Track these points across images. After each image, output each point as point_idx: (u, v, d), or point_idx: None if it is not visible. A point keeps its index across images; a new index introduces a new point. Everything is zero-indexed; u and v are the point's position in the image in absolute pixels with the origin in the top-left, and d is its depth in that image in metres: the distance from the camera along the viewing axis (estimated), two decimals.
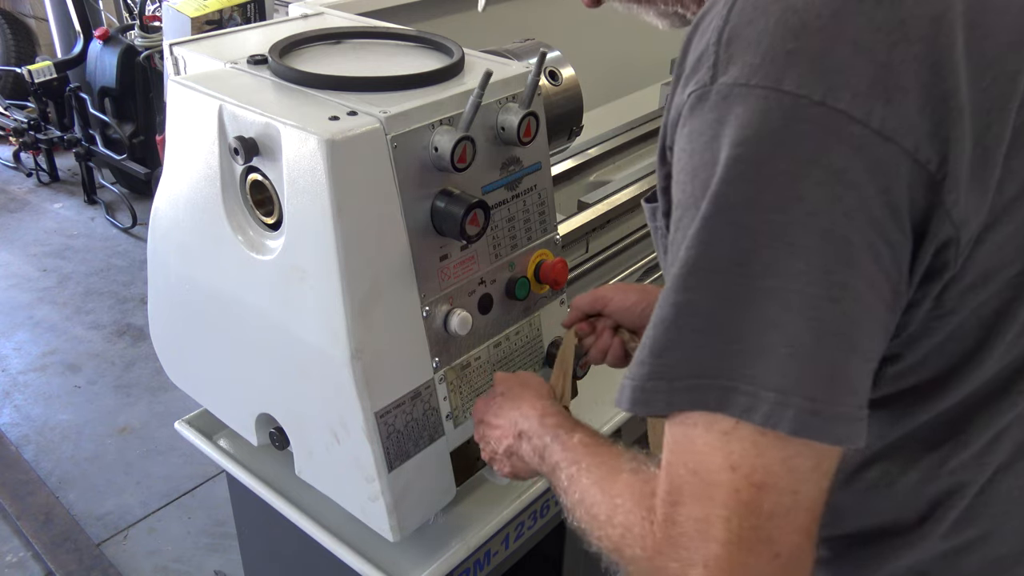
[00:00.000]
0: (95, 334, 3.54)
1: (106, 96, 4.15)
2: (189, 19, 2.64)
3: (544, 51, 1.07)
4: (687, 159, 0.66)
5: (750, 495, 0.63)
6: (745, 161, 0.61)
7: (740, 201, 0.62)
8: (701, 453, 0.65)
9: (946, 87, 0.61)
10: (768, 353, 0.62)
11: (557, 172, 1.61)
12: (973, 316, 0.69)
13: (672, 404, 0.66)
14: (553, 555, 1.53)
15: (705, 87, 0.64)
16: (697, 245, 0.64)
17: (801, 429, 0.61)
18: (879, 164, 0.60)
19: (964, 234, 0.64)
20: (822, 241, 0.60)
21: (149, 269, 1.24)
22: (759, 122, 0.61)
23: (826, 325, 0.61)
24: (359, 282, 0.95)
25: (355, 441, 1.02)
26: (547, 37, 1.42)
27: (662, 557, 0.68)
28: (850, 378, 0.63)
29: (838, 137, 0.60)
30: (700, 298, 0.64)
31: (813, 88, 0.60)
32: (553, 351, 1.22)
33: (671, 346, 0.66)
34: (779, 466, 0.63)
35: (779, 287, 0.61)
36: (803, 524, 0.65)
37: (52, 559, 2.51)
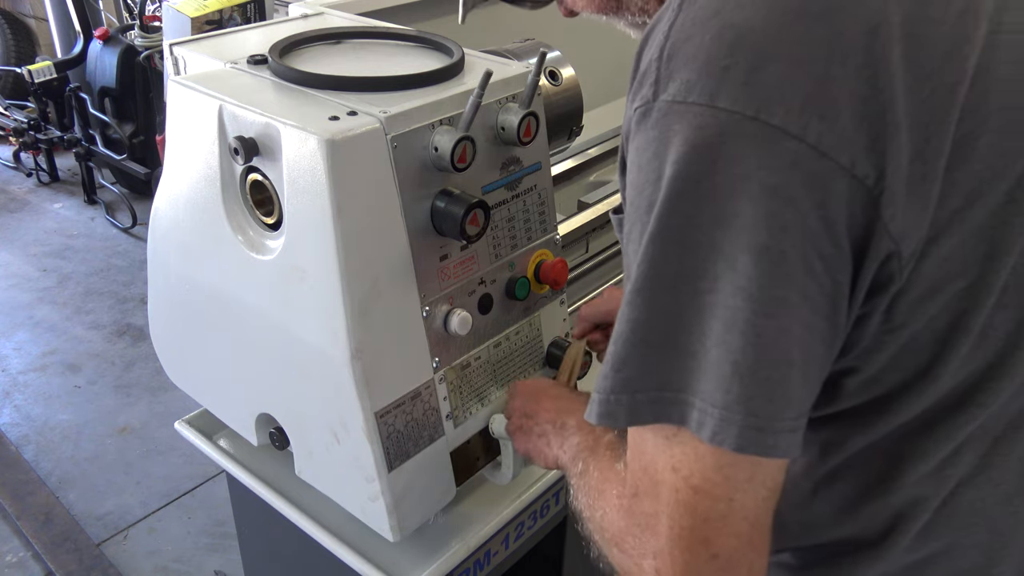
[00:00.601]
0: (95, 334, 3.54)
1: (106, 96, 4.15)
2: (189, 19, 2.64)
3: (544, 51, 1.07)
4: (634, 175, 0.67)
5: (687, 496, 0.66)
6: (684, 178, 0.62)
7: (681, 218, 0.63)
8: (650, 452, 0.69)
9: (882, 100, 0.61)
10: (714, 368, 0.63)
11: (557, 172, 1.61)
12: (926, 330, 0.69)
13: (635, 417, 0.68)
14: (553, 555, 1.53)
15: (648, 103, 0.65)
16: (645, 262, 0.65)
17: (746, 445, 0.63)
18: (815, 179, 0.60)
19: (905, 248, 0.63)
20: (758, 256, 0.61)
21: (149, 269, 1.24)
22: (696, 139, 0.61)
23: (764, 341, 0.62)
24: (359, 282, 0.95)
25: (355, 441, 1.02)
26: (547, 37, 1.42)
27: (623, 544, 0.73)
28: (789, 392, 0.64)
29: (773, 153, 0.60)
30: (652, 314, 0.66)
31: (747, 104, 0.60)
32: (553, 351, 1.22)
33: (629, 360, 0.67)
34: (714, 473, 0.65)
35: (720, 303, 0.62)
36: (741, 531, 0.67)
37: (52, 559, 2.51)
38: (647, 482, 0.70)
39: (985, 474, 0.75)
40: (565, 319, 1.25)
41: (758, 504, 0.67)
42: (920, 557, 0.77)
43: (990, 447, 0.75)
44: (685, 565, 0.68)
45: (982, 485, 0.76)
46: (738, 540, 0.67)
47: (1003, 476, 0.76)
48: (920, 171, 0.62)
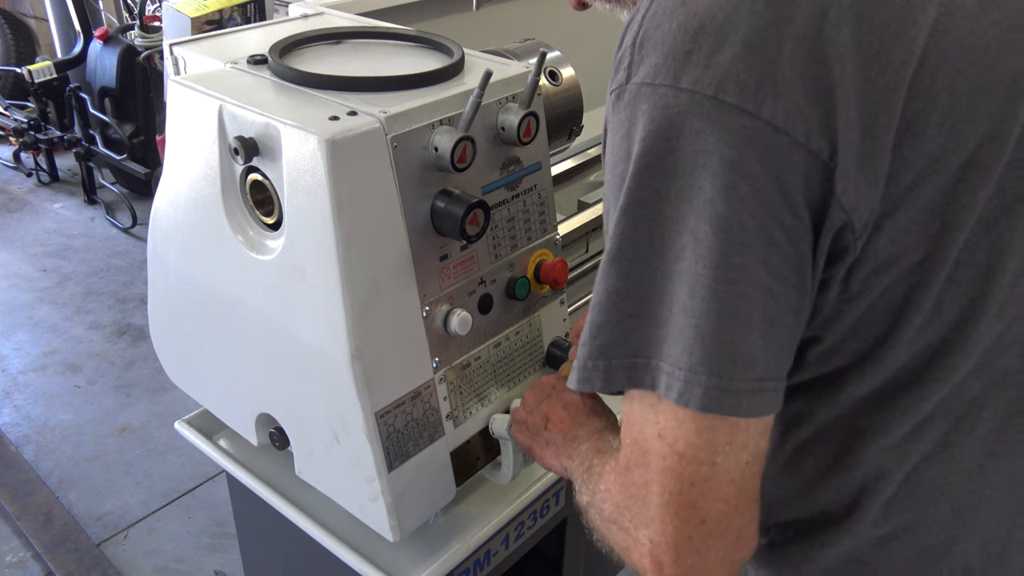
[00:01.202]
0: (95, 334, 3.54)
1: (106, 96, 4.15)
2: (189, 19, 2.65)
3: (544, 51, 1.07)
4: (609, 154, 0.72)
5: (673, 462, 0.70)
6: (650, 155, 0.67)
7: (649, 192, 0.67)
8: (637, 424, 0.73)
9: (832, 78, 0.64)
10: (679, 333, 0.67)
11: (557, 172, 1.61)
12: (882, 301, 0.72)
13: (610, 383, 0.72)
14: (553, 555, 1.53)
15: (621, 87, 0.70)
16: (617, 235, 0.69)
17: (710, 404, 0.67)
18: (771, 153, 0.64)
19: (857, 220, 0.67)
20: (719, 227, 0.65)
21: (149, 269, 1.24)
22: (660, 118, 0.66)
23: (725, 305, 0.66)
24: (359, 282, 0.95)
25: (355, 441, 1.02)
26: (547, 37, 1.42)
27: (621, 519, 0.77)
28: (751, 354, 0.67)
29: (731, 129, 0.64)
30: (624, 284, 0.70)
31: (707, 84, 0.64)
32: (553, 351, 1.22)
33: (604, 327, 0.72)
34: (696, 437, 0.69)
35: (685, 271, 0.67)
36: (727, 495, 0.70)
37: (52, 559, 2.51)
38: (637, 452, 0.73)
39: (947, 451, 0.78)
40: (565, 319, 1.25)
41: (742, 468, 0.70)
42: (885, 532, 0.80)
43: (952, 425, 0.77)
44: (676, 531, 0.71)
45: (945, 462, 0.78)
46: (725, 504, 0.70)
47: (964, 454, 0.78)
48: (870, 147, 0.65)
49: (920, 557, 0.80)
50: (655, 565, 0.73)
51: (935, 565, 0.81)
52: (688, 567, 0.72)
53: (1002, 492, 0.79)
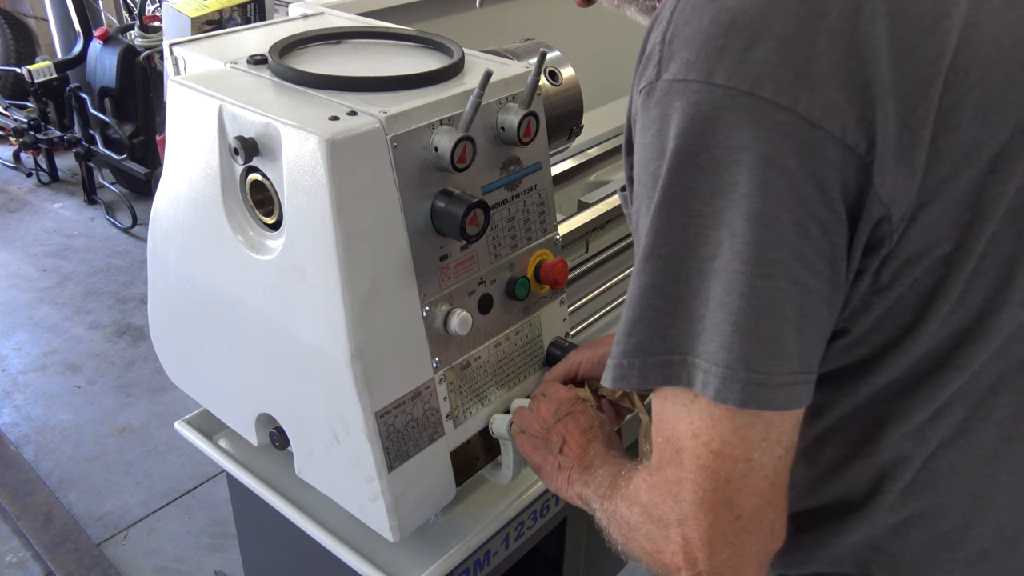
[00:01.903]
0: (95, 334, 3.54)
1: (106, 96, 4.15)
2: (189, 19, 2.65)
3: (544, 51, 1.07)
4: (640, 152, 0.71)
5: (708, 460, 0.70)
6: (684, 152, 0.66)
7: (684, 189, 0.67)
8: (670, 423, 0.73)
9: (869, 73, 0.64)
10: (716, 330, 0.67)
11: (557, 172, 1.61)
12: (910, 291, 0.72)
13: (646, 379, 0.72)
14: (553, 555, 1.53)
15: (651, 84, 0.69)
16: (652, 232, 0.69)
17: (748, 400, 0.67)
18: (807, 148, 0.64)
19: (895, 212, 0.67)
20: (755, 223, 0.65)
21: (149, 269, 1.24)
22: (694, 114, 0.66)
23: (761, 301, 0.66)
24: (359, 282, 0.95)
25: (355, 441, 1.02)
26: (547, 37, 1.42)
27: (649, 521, 0.77)
28: (786, 348, 0.68)
29: (767, 125, 0.64)
30: (659, 281, 0.70)
31: (741, 80, 0.64)
32: (553, 351, 1.22)
33: (639, 325, 0.72)
34: (731, 435, 0.69)
35: (721, 267, 0.67)
36: (761, 489, 0.71)
37: (52, 559, 2.51)
38: (670, 451, 0.73)
39: (965, 437, 0.78)
40: (565, 319, 1.25)
41: (775, 463, 0.71)
42: (902, 518, 0.80)
43: (970, 411, 0.78)
44: (710, 527, 0.71)
45: (962, 448, 0.79)
46: (760, 499, 0.71)
47: (981, 440, 0.79)
48: (908, 140, 0.66)
49: (936, 542, 0.81)
50: (689, 562, 0.74)
51: (951, 549, 0.81)
52: (722, 562, 0.73)
53: (1017, 477, 0.80)
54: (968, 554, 0.81)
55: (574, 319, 1.49)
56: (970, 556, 0.81)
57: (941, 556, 0.82)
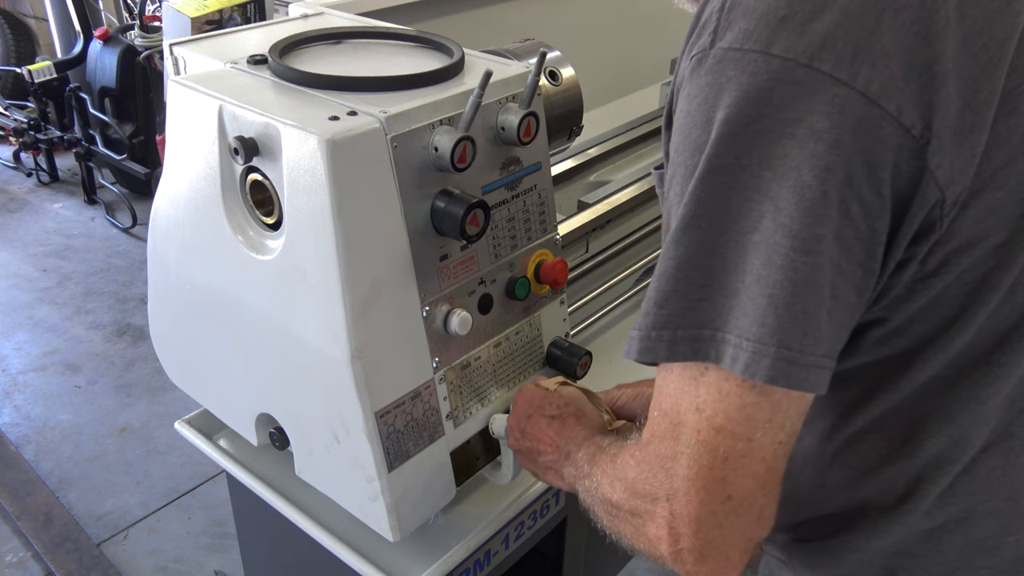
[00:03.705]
0: (95, 334, 3.54)
1: (106, 96, 4.15)
2: (189, 19, 2.65)
3: (544, 51, 1.07)
4: (683, 120, 0.70)
5: (708, 436, 0.69)
6: (735, 121, 0.65)
7: (730, 159, 0.66)
8: (673, 396, 0.71)
9: (933, 52, 0.63)
10: (751, 304, 0.66)
11: (557, 172, 1.61)
12: (957, 282, 0.71)
13: (674, 353, 0.70)
14: (553, 555, 1.53)
15: (704, 51, 0.67)
16: (692, 202, 0.67)
17: (778, 377, 0.65)
18: (861, 125, 0.63)
19: (949, 195, 0.66)
20: (802, 196, 0.64)
21: (149, 269, 1.24)
22: (749, 84, 0.64)
23: (801, 276, 0.65)
24: (359, 282, 0.95)
25: (355, 441, 1.02)
26: (547, 37, 1.42)
27: (635, 496, 0.75)
28: (820, 328, 0.66)
29: (822, 98, 0.63)
30: (695, 252, 0.68)
31: (800, 52, 0.63)
32: (553, 351, 1.22)
33: (672, 297, 0.70)
34: (737, 412, 0.68)
35: (763, 240, 0.65)
36: (757, 472, 0.70)
37: (52, 559, 2.51)
38: (666, 425, 0.72)
39: (1007, 442, 0.77)
40: (565, 319, 1.25)
41: (775, 447, 0.70)
42: (938, 524, 0.79)
43: (1015, 417, 0.76)
44: (700, 505, 0.70)
45: (1004, 453, 0.77)
46: (754, 482, 0.70)
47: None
48: (969, 121, 0.65)
49: (971, 549, 0.80)
50: (672, 538, 0.72)
51: (986, 556, 0.80)
52: (707, 541, 0.71)
53: None
54: (1003, 561, 0.80)
55: (574, 319, 1.49)
56: (1005, 564, 0.80)
57: (975, 563, 0.80)
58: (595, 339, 1.61)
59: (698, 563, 0.72)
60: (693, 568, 0.73)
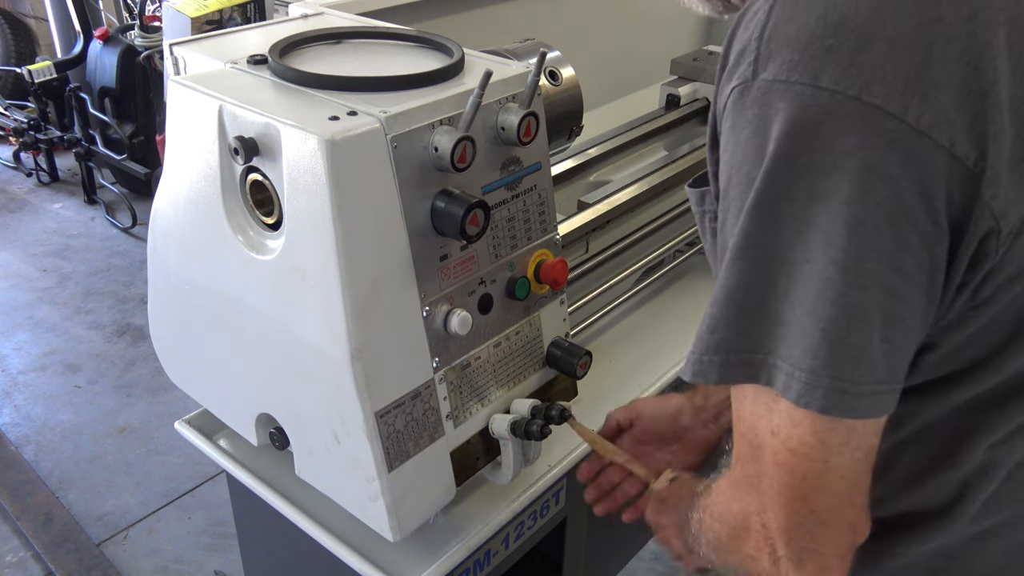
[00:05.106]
0: (95, 334, 3.54)
1: (106, 96, 4.15)
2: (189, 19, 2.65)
3: (544, 51, 1.07)
4: (731, 153, 0.70)
5: (786, 458, 0.70)
6: (785, 154, 0.64)
7: (780, 192, 0.66)
8: (749, 420, 0.74)
9: (984, 82, 0.63)
10: (804, 336, 0.66)
11: (557, 172, 1.61)
12: (1009, 308, 0.71)
13: (725, 376, 0.72)
14: (553, 555, 1.53)
15: (747, 83, 0.67)
16: (743, 233, 0.68)
17: (830, 407, 0.66)
18: (913, 158, 0.62)
19: (1005, 226, 0.65)
20: (854, 231, 0.63)
21: (149, 269, 1.24)
22: (798, 117, 0.63)
23: (854, 310, 0.65)
24: (359, 282, 0.95)
25: (355, 441, 1.02)
26: (547, 37, 1.42)
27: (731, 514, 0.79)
28: (874, 359, 0.66)
29: (873, 131, 0.62)
30: (747, 281, 0.69)
31: (849, 84, 0.62)
32: (553, 351, 1.22)
33: (722, 324, 0.71)
34: (811, 437, 0.69)
35: (814, 274, 0.65)
36: (839, 490, 0.71)
37: (52, 559, 2.51)
38: (746, 447, 0.74)
39: None
40: (565, 319, 1.25)
41: (854, 465, 0.70)
42: (982, 529, 0.80)
43: None
44: (787, 519, 0.73)
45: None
46: (836, 498, 0.71)
47: None
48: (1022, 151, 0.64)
49: (1014, 551, 0.81)
50: (770, 549, 0.75)
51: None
52: (801, 549, 0.73)
53: None
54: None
55: (574, 319, 1.49)
56: None
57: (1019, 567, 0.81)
58: (595, 339, 1.61)
59: (797, 570, 0.74)
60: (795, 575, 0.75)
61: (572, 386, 1.28)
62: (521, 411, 1.15)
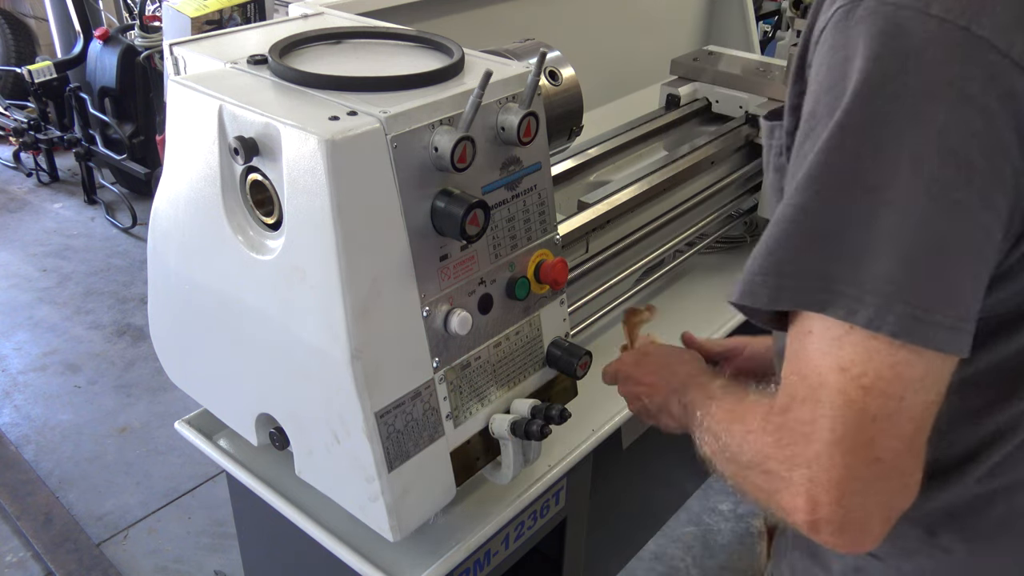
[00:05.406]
0: (95, 334, 3.54)
1: (106, 96, 4.16)
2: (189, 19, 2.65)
3: (544, 51, 1.07)
4: (824, 75, 0.69)
5: (856, 395, 0.67)
6: (882, 78, 0.64)
7: (872, 115, 0.65)
8: (813, 358, 0.69)
9: None
10: (878, 260, 0.65)
11: (557, 172, 1.61)
12: None
13: (776, 300, 0.70)
14: (553, 555, 1.53)
15: (852, 3, 0.66)
16: (826, 153, 0.67)
17: (902, 332, 0.65)
18: (1012, 93, 0.63)
19: None
20: (946, 160, 0.63)
21: (149, 269, 1.24)
22: (901, 42, 0.64)
23: (938, 239, 0.64)
24: (359, 282, 0.95)
25: (355, 441, 1.02)
26: (547, 37, 1.42)
27: (770, 461, 0.73)
28: (954, 290, 0.65)
29: (976, 63, 0.62)
30: (820, 203, 0.67)
31: (959, 14, 0.62)
32: (554, 351, 1.22)
33: (784, 245, 0.69)
34: (888, 371, 0.66)
35: (899, 199, 0.64)
36: (906, 433, 0.68)
37: (52, 559, 2.51)
38: (804, 389, 0.70)
39: None
40: (565, 319, 1.25)
41: (924, 407, 0.68)
42: (985, 491, 0.80)
43: None
44: (844, 469, 0.68)
45: None
46: (901, 443, 0.68)
47: None
48: None
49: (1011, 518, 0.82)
50: (810, 506, 0.70)
51: None
52: (848, 509, 0.69)
53: None
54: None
55: (574, 319, 1.49)
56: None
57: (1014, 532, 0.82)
58: (595, 339, 1.61)
59: (836, 533, 0.70)
60: (831, 539, 0.71)
61: (572, 386, 1.28)
62: (521, 411, 1.15)
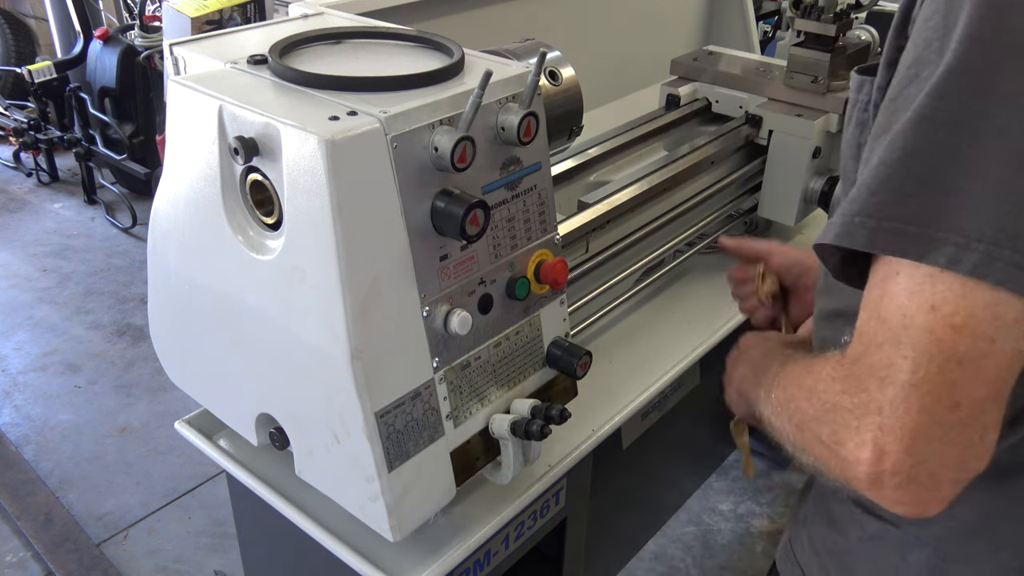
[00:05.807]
0: (95, 334, 3.54)
1: (106, 96, 4.16)
2: (189, 19, 2.65)
3: (544, 51, 1.07)
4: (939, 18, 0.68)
5: (945, 334, 0.65)
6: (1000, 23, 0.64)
7: (986, 60, 0.65)
8: (899, 298, 0.67)
9: None
10: (985, 207, 0.64)
11: (557, 172, 1.61)
12: None
13: (873, 243, 0.68)
14: (553, 555, 1.53)
15: None
16: (935, 97, 0.66)
17: (1008, 279, 0.63)
18: None
19: None
20: None
21: (149, 269, 1.24)
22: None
23: None
24: (359, 282, 0.95)
25: (355, 441, 1.02)
26: (547, 37, 1.42)
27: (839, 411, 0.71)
28: None
29: None
30: (926, 146, 0.67)
31: None
32: (554, 351, 1.22)
33: (888, 187, 0.68)
34: (983, 310, 0.65)
35: (1008, 148, 0.64)
36: (991, 378, 0.66)
37: (52, 559, 2.51)
38: (884, 332, 0.67)
39: None
40: (565, 319, 1.25)
41: (1014, 356, 0.66)
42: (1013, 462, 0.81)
43: None
44: (920, 413, 0.65)
45: None
46: (986, 391, 0.66)
47: None
48: None
49: None
50: (876, 456, 0.67)
51: None
52: (917, 460, 0.66)
53: None
54: None
55: (574, 319, 1.49)
56: None
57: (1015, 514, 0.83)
58: (595, 339, 1.61)
59: (902, 487, 0.67)
60: (892, 494, 0.68)
61: (572, 386, 1.28)
62: (521, 411, 1.15)
